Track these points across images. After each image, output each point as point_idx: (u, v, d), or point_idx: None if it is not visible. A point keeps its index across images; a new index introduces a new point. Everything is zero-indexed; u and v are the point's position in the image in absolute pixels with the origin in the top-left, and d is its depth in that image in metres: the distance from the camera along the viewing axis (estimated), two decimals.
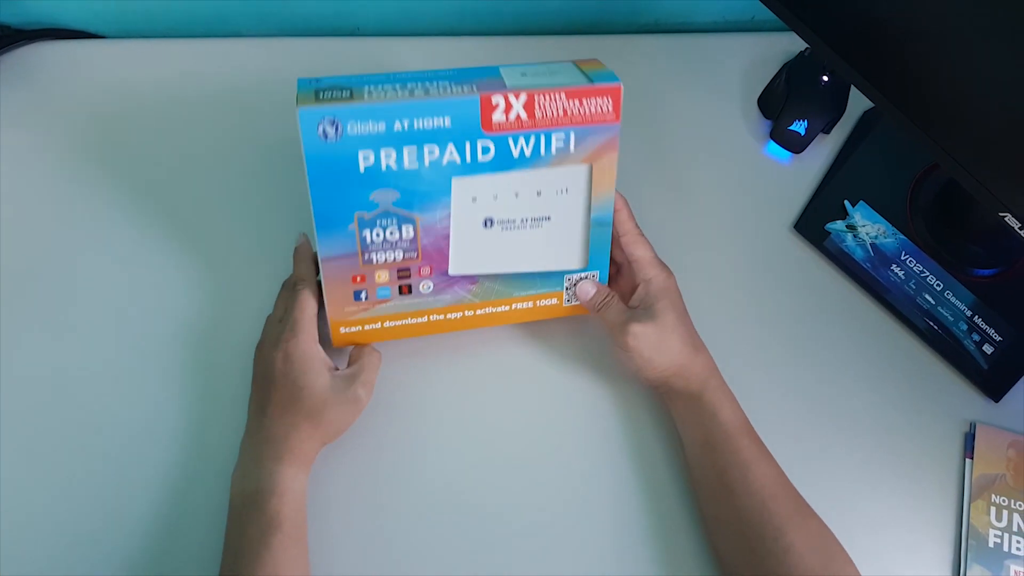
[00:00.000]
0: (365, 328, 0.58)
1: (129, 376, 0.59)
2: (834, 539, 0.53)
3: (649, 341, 0.57)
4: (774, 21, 0.66)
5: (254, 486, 0.50)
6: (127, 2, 0.75)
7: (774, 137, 0.75)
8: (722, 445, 0.55)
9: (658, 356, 0.57)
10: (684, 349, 0.57)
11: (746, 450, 0.55)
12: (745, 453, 0.55)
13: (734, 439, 0.55)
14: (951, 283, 0.68)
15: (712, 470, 0.55)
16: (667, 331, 0.57)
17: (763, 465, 0.55)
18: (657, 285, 0.58)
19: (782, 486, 0.54)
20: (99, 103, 0.71)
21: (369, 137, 0.50)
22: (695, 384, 0.57)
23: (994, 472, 0.61)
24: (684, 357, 0.57)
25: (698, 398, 0.57)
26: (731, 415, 0.56)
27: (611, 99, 0.53)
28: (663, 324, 0.57)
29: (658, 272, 0.59)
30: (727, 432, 0.55)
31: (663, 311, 0.57)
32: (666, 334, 0.57)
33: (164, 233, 0.65)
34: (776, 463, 0.55)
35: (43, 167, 0.67)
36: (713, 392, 0.57)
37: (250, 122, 0.71)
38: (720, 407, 0.56)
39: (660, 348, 0.57)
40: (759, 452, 0.55)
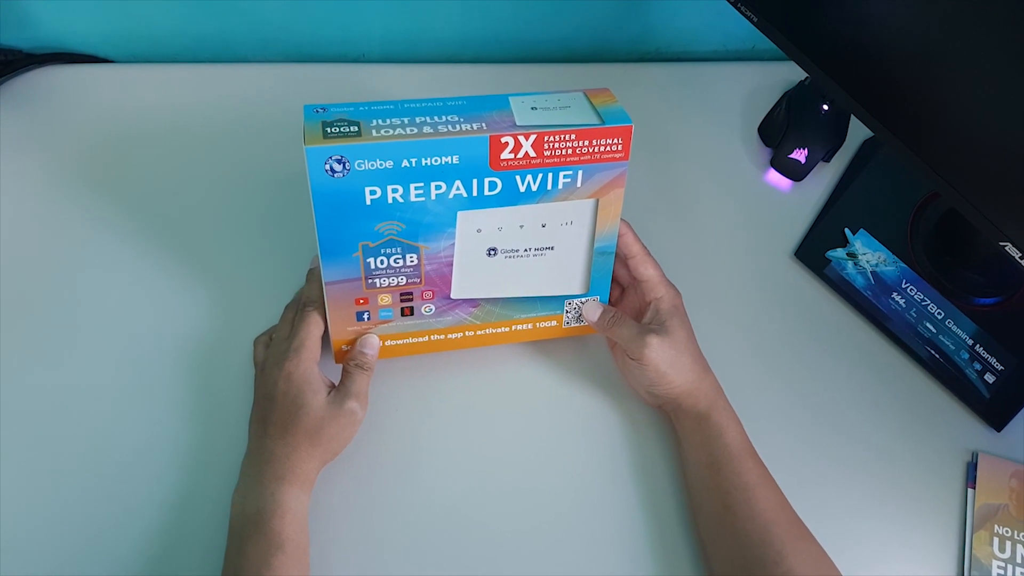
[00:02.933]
0: None
1: (132, 395, 0.59)
2: (832, 566, 0.53)
3: (666, 355, 0.57)
4: (774, 51, 0.67)
5: (255, 506, 0.50)
6: (135, 27, 0.76)
7: (775, 165, 0.75)
8: (726, 466, 0.55)
9: (672, 371, 0.57)
10: (695, 367, 0.58)
11: (750, 473, 0.55)
12: (749, 476, 0.55)
13: (738, 461, 0.55)
14: (952, 312, 0.68)
15: (716, 492, 0.55)
16: (680, 347, 0.57)
17: (766, 489, 0.55)
18: (668, 303, 0.59)
19: (784, 511, 0.54)
20: (107, 126, 0.72)
21: (376, 173, 0.50)
22: (703, 404, 0.57)
23: (997, 502, 0.60)
24: (695, 375, 0.58)
25: (705, 418, 0.57)
26: (736, 437, 0.56)
27: (621, 140, 0.53)
28: (677, 340, 0.57)
29: (668, 291, 0.60)
30: (732, 453, 0.55)
31: (676, 328, 0.58)
32: (680, 350, 0.57)
33: (169, 255, 0.66)
34: (778, 487, 0.55)
35: (51, 189, 0.68)
36: (720, 413, 0.57)
37: (255, 146, 0.71)
38: (726, 428, 0.56)
39: (675, 363, 0.57)
40: (762, 475, 0.55)
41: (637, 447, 0.61)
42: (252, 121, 0.73)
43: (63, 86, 0.74)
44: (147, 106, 0.74)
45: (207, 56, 0.79)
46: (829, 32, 0.62)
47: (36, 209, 0.67)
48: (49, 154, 0.70)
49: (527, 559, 0.56)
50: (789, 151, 0.74)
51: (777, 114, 0.77)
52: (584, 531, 0.57)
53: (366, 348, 0.58)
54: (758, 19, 0.66)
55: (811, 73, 0.65)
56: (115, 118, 0.73)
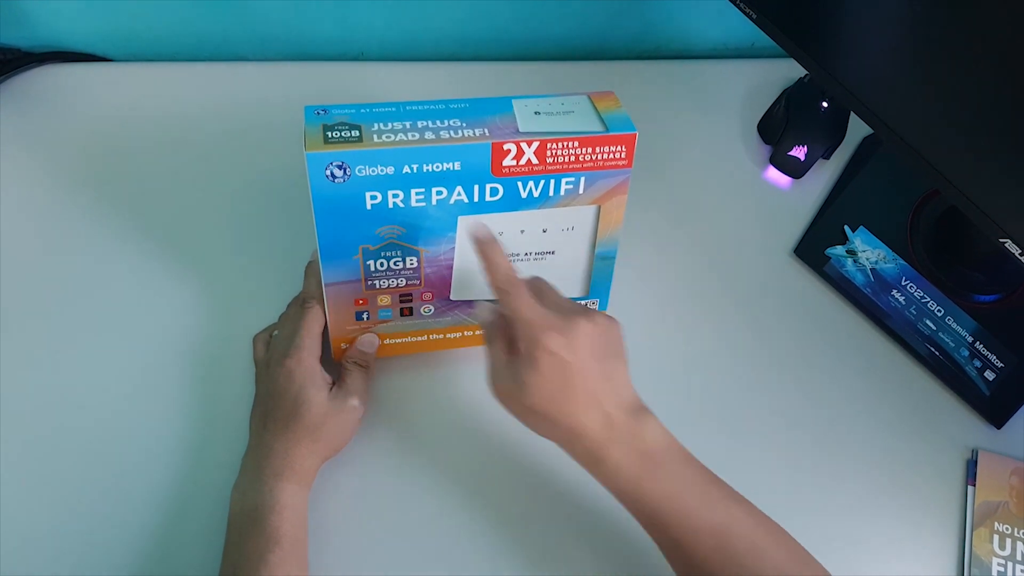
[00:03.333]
0: None
1: (132, 393, 0.59)
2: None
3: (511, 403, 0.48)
4: (774, 48, 0.67)
5: (254, 502, 0.50)
6: (134, 26, 0.76)
7: (774, 162, 0.75)
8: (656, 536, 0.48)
9: (524, 420, 0.49)
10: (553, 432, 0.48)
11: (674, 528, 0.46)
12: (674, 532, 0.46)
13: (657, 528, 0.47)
14: (952, 309, 0.68)
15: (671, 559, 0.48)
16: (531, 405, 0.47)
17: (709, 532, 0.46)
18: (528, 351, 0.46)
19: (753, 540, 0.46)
20: (106, 125, 0.72)
21: (377, 179, 0.50)
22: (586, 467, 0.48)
23: (997, 499, 0.61)
24: (555, 437, 0.48)
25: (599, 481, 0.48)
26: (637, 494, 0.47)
27: (625, 147, 0.52)
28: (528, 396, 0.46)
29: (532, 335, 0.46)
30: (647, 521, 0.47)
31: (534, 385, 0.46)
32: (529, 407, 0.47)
33: (168, 253, 0.66)
34: (744, 517, 0.47)
35: (50, 187, 0.68)
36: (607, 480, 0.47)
37: (254, 145, 0.71)
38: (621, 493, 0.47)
39: (523, 415, 0.48)
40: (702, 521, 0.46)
41: None
42: (251, 120, 0.73)
43: (62, 85, 0.74)
44: (146, 105, 0.74)
45: (206, 55, 0.78)
46: (828, 29, 0.62)
47: (35, 207, 0.67)
48: (48, 153, 0.70)
49: (527, 557, 0.56)
50: (788, 148, 0.74)
51: (776, 111, 0.77)
52: (584, 529, 0.57)
53: (365, 346, 0.58)
54: (757, 16, 0.66)
55: (810, 70, 0.65)
56: (114, 117, 0.73)
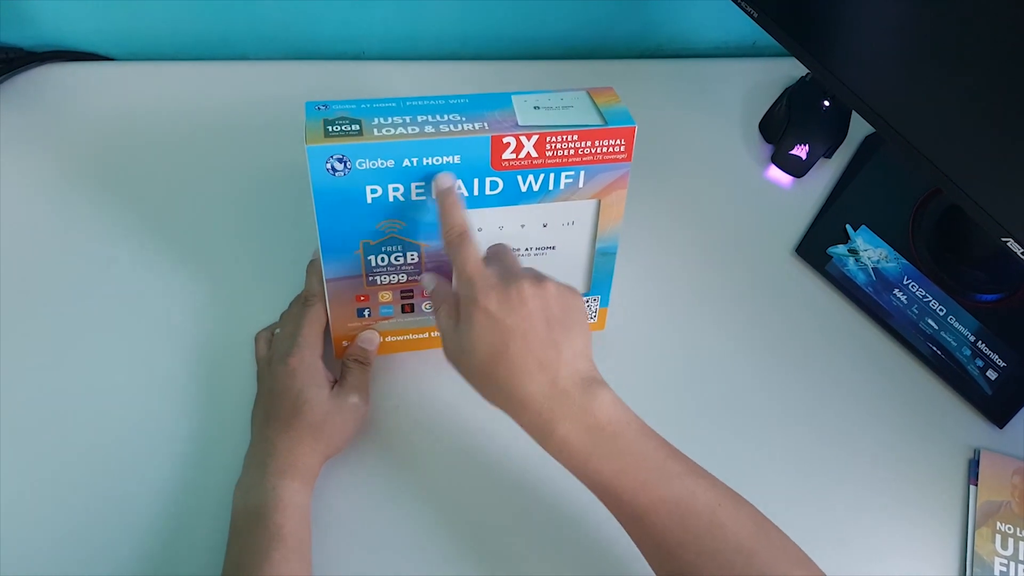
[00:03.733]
0: None
1: (134, 390, 0.59)
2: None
3: (460, 368, 0.48)
4: (775, 46, 0.67)
5: (257, 500, 0.50)
6: (135, 25, 0.76)
7: (775, 161, 0.75)
8: (613, 511, 0.46)
9: (475, 388, 0.47)
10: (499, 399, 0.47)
11: (627, 506, 0.45)
12: (627, 510, 0.45)
13: (612, 505, 0.46)
14: (954, 308, 0.67)
15: (633, 537, 0.46)
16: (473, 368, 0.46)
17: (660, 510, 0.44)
18: (466, 309, 0.46)
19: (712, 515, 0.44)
20: (108, 124, 0.72)
21: (377, 172, 0.50)
22: (535, 439, 0.46)
23: (999, 499, 0.60)
24: (503, 406, 0.47)
25: (549, 453, 0.46)
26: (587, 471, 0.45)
27: (624, 141, 0.52)
28: (469, 358, 0.46)
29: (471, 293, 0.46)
30: (602, 497, 0.46)
31: (470, 345, 0.46)
32: (472, 371, 0.47)
33: (169, 251, 0.66)
34: (703, 492, 0.45)
35: (51, 187, 0.68)
36: (556, 454, 0.46)
37: (255, 143, 0.71)
38: (572, 468, 0.46)
39: (472, 381, 0.47)
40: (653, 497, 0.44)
41: None
42: (252, 118, 0.73)
43: (63, 84, 0.74)
44: (147, 104, 0.74)
45: (207, 54, 0.78)
46: (830, 27, 0.62)
47: (37, 207, 0.67)
48: (49, 152, 0.70)
49: (529, 556, 0.56)
50: (790, 147, 0.74)
51: (778, 110, 0.76)
52: (588, 527, 0.57)
53: (365, 343, 0.58)
54: (759, 15, 0.66)
55: (812, 69, 0.65)
56: (115, 116, 0.73)
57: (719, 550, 0.43)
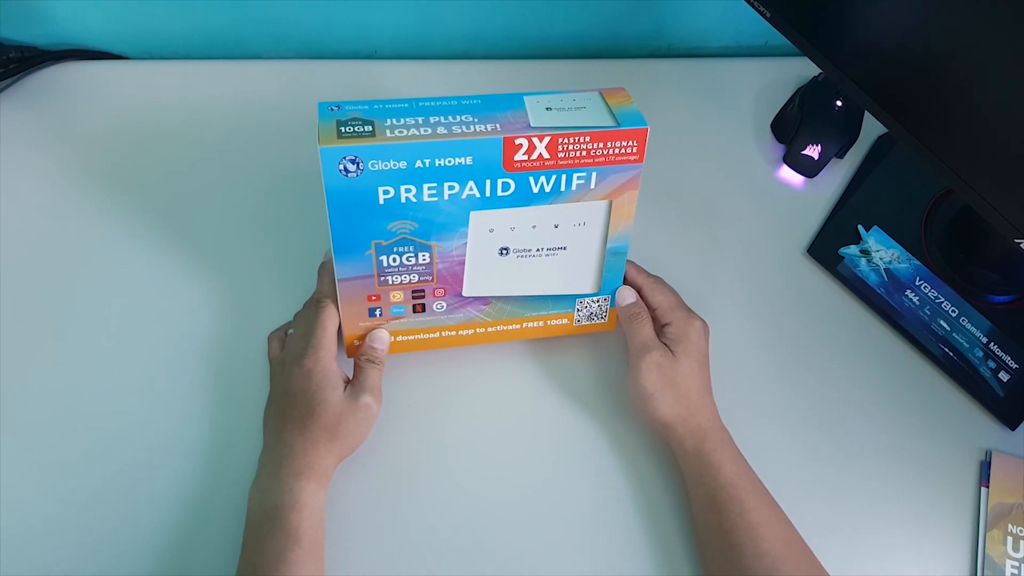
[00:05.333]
0: None
1: (147, 391, 0.60)
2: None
3: (662, 376, 0.56)
4: (787, 46, 0.66)
5: (273, 500, 0.50)
6: (150, 24, 0.77)
7: (787, 161, 0.75)
8: (726, 506, 0.53)
9: (663, 395, 0.56)
10: (691, 397, 0.57)
11: (753, 512, 0.53)
12: (752, 515, 0.53)
13: (739, 500, 0.53)
14: (966, 309, 0.67)
15: (717, 531, 0.53)
16: (681, 373, 0.57)
17: (773, 527, 0.53)
18: (680, 329, 0.58)
19: (792, 546, 0.53)
20: (121, 123, 0.73)
21: (389, 173, 0.50)
22: (690, 440, 0.56)
23: (1011, 501, 0.60)
24: (684, 408, 0.56)
25: (696, 455, 0.55)
26: (734, 474, 0.54)
27: (636, 142, 0.52)
28: (679, 366, 0.57)
29: (681, 317, 0.59)
30: (730, 495, 0.53)
31: (683, 354, 0.57)
32: (679, 376, 0.57)
33: (182, 250, 0.66)
34: (788, 524, 0.54)
35: (65, 185, 0.69)
36: (714, 447, 0.55)
37: (268, 142, 0.72)
38: (722, 464, 0.55)
39: (669, 388, 0.56)
40: (768, 513, 0.53)
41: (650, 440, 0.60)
42: (265, 117, 0.73)
43: (78, 83, 0.75)
44: (161, 102, 0.74)
45: (220, 53, 0.79)
46: (842, 27, 0.62)
47: (50, 205, 0.68)
48: (63, 151, 0.71)
49: (540, 554, 0.56)
50: (802, 147, 0.74)
51: (790, 110, 0.76)
52: (595, 525, 0.57)
53: (376, 343, 0.58)
54: (771, 14, 0.66)
55: (824, 69, 0.65)
56: (129, 115, 0.73)
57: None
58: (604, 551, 0.56)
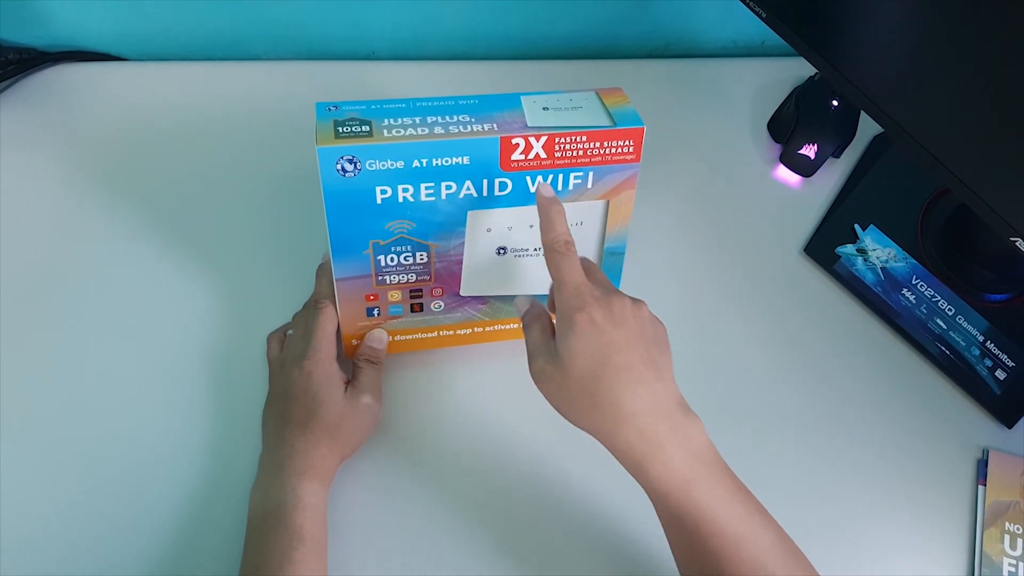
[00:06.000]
0: None
1: (145, 392, 0.60)
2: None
3: (550, 386, 0.46)
4: (784, 46, 0.67)
5: (276, 500, 0.50)
6: (148, 26, 0.77)
7: (784, 161, 0.75)
8: (692, 538, 0.44)
9: (565, 408, 0.46)
10: (595, 415, 0.44)
11: (718, 537, 0.43)
12: (718, 540, 0.43)
13: (702, 529, 0.44)
14: (963, 308, 0.67)
15: (691, 561, 0.45)
16: (570, 382, 0.44)
17: (747, 544, 0.44)
18: (564, 317, 0.45)
19: (777, 553, 0.45)
20: (120, 124, 0.73)
21: (387, 173, 0.50)
22: (630, 458, 0.44)
23: (1008, 499, 0.60)
24: (597, 424, 0.45)
25: (641, 477, 0.45)
26: (684, 501, 0.44)
27: (633, 142, 0.52)
28: (566, 371, 0.44)
29: (574, 301, 0.45)
30: (689, 527, 0.44)
31: (570, 356, 0.44)
32: (568, 386, 0.45)
33: (181, 251, 0.66)
34: (770, 530, 0.45)
35: (64, 186, 0.69)
36: (658, 471, 0.44)
37: (267, 143, 0.72)
38: (668, 493, 0.44)
39: (564, 400, 0.46)
40: (739, 533, 0.44)
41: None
42: (263, 118, 0.73)
43: (77, 84, 0.75)
44: (160, 104, 0.74)
45: (219, 54, 0.79)
46: (838, 27, 0.62)
47: (49, 207, 0.68)
48: (63, 152, 0.71)
49: (539, 554, 0.56)
50: (798, 147, 0.74)
51: (786, 110, 0.77)
52: (597, 525, 0.57)
53: (375, 343, 0.58)
54: (767, 15, 0.66)
55: (820, 69, 0.65)
56: (128, 116, 0.73)
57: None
58: (604, 550, 0.56)
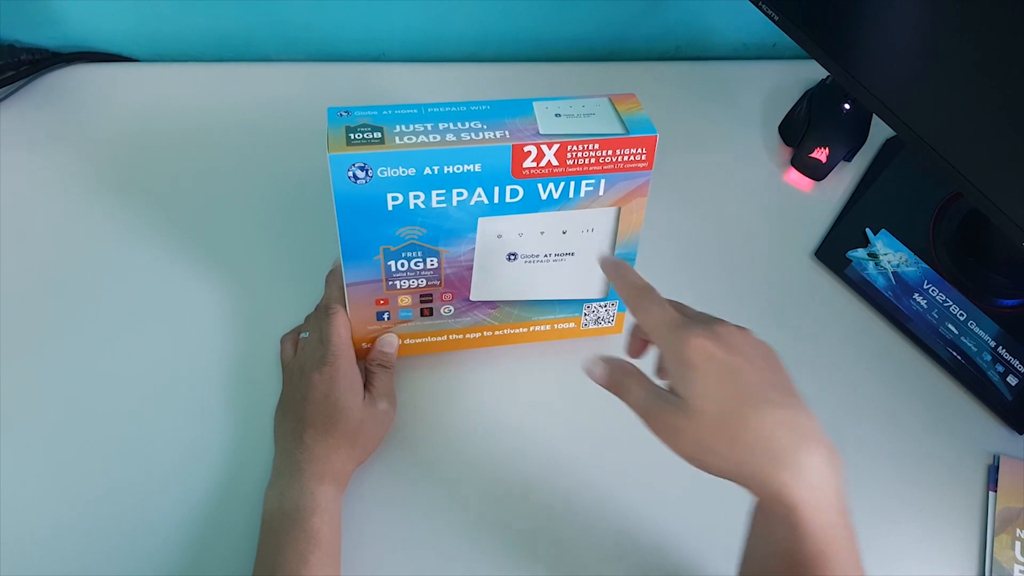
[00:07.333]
0: None
1: (160, 394, 0.60)
2: None
3: (685, 440, 0.41)
4: (796, 49, 0.66)
5: (294, 503, 0.50)
6: (160, 27, 0.77)
7: (795, 164, 0.75)
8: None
9: (706, 459, 0.41)
10: (741, 457, 0.40)
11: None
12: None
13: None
14: (975, 313, 0.67)
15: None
16: (705, 428, 0.40)
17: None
18: (677, 359, 0.42)
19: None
20: (132, 125, 0.73)
21: (398, 180, 0.50)
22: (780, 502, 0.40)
23: (1018, 506, 0.60)
24: (745, 468, 0.40)
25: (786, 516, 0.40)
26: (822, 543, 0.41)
27: (646, 149, 0.52)
28: (698, 418, 0.40)
29: (680, 338, 0.42)
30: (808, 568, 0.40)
31: (699, 400, 0.40)
32: (704, 433, 0.40)
33: (192, 252, 0.66)
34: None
35: (76, 187, 0.69)
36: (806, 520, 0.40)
37: (278, 145, 0.72)
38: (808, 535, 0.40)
39: (703, 450, 0.41)
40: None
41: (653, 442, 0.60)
42: (275, 119, 0.74)
43: (89, 85, 0.75)
44: (171, 105, 0.75)
45: (230, 55, 0.79)
46: (850, 30, 0.62)
47: (61, 208, 0.68)
48: (75, 153, 0.71)
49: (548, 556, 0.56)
50: (810, 150, 0.74)
51: (798, 113, 0.76)
52: (608, 527, 0.57)
53: (386, 347, 0.59)
54: (779, 17, 0.66)
55: (832, 72, 0.65)
56: (140, 117, 0.74)
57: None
58: (612, 552, 0.57)
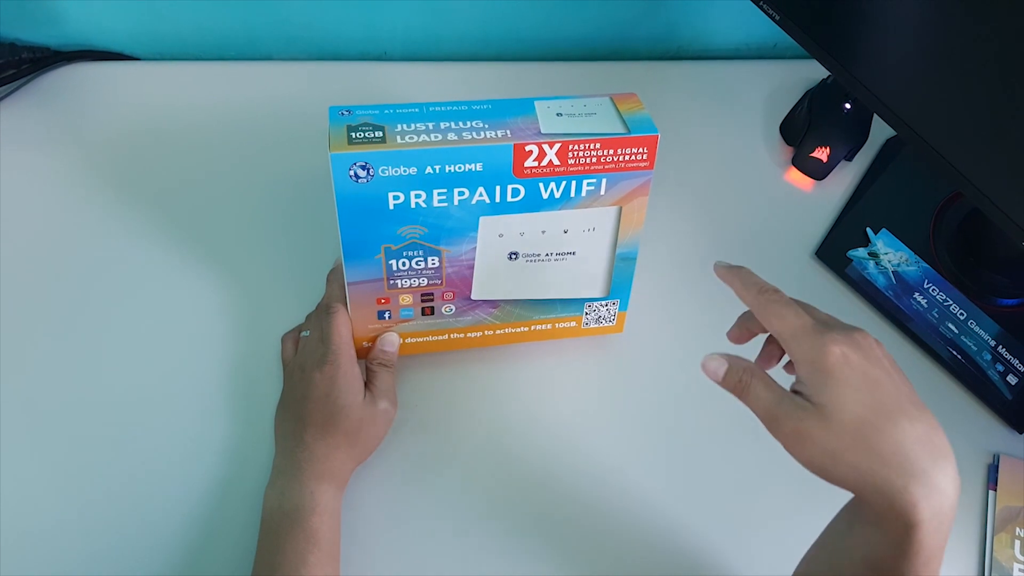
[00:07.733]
0: None
1: (161, 393, 0.60)
2: None
3: (812, 446, 0.40)
4: (797, 49, 0.67)
5: (293, 503, 0.51)
6: (162, 26, 0.77)
7: (796, 164, 0.75)
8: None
9: (831, 467, 0.40)
10: (873, 467, 0.38)
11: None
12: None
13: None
14: (975, 312, 0.67)
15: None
16: (838, 436, 0.39)
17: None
18: (810, 365, 0.41)
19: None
20: (133, 123, 0.73)
21: (400, 179, 0.50)
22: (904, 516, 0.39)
23: (1018, 505, 0.60)
24: (876, 479, 0.38)
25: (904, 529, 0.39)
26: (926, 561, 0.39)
27: (647, 149, 0.52)
28: (833, 425, 0.39)
29: (819, 344, 0.41)
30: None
31: (837, 407, 0.39)
32: (836, 440, 0.39)
33: (193, 251, 0.66)
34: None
35: (77, 186, 0.69)
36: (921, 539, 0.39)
37: (280, 144, 0.72)
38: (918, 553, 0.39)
39: (831, 457, 0.39)
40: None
41: (660, 440, 0.61)
42: (276, 118, 0.74)
43: (90, 83, 0.75)
44: (173, 103, 0.75)
45: (232, 54, 0.79)
46: (851, 30, 0.62)
47: (62, 206, 0.68)
48: (76, 151, 0.71)
49: (550, 556, 0.56)
50: (811, 150, 0.74)
51: (799, 113, 0.76)
52: (609, 528, 0.57)
53: (387, 346, 0.59)
54: (780, 17, 0.66)
55: (833, 71, 0.65)
56: (141, 115, 0.74)
57: None
58: (613, 551, 0.57)
